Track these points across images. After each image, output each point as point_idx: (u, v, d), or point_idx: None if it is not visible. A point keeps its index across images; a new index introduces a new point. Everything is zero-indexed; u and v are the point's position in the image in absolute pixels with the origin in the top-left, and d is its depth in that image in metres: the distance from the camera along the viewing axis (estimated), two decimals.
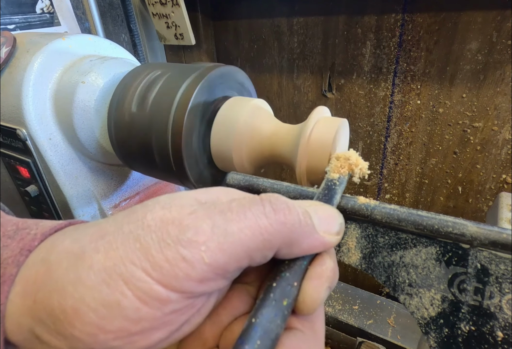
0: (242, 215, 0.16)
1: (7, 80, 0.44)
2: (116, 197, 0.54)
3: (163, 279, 0.14)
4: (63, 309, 0.14)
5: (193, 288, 0.15)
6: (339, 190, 0.24)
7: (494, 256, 0.20)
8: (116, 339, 0.14)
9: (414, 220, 0.21)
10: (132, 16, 0.75)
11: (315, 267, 0.18)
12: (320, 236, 0.18)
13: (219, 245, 0.15)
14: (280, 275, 0.18)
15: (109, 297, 0.14)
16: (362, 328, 0.67)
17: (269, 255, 0.17)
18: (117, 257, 0.15)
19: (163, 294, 0.14)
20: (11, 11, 0.59)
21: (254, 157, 0.38)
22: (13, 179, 0.52)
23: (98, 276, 0.14)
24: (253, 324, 0.15)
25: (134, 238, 0.15)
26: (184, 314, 0.16)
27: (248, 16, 0.73)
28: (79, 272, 0.15)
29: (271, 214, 0.16)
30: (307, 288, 0.17)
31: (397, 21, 0.59)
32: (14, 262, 0.16)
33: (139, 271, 0.14)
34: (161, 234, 0.15)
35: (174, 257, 0.14)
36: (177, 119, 0.36)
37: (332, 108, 0.73)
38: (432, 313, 0.22)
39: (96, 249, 0.15)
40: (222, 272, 0.15)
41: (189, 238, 0.15)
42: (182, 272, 0.14)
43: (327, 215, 0.19)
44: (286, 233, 0.16)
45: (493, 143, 0.61)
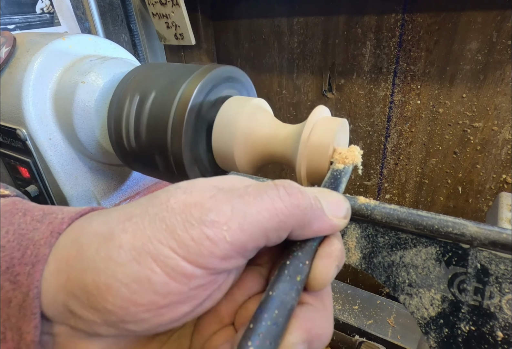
0: (259, 198, 0.17)
1: (7, 80, 0.44)
2: (116, 197, 0.54)
3: (189, 256, 0.15)
4: (97, 285, 0.15)
5: (216, 265, 0.16)
6: (344, 179, 0.25)
7: (494, 256, 0.20)
8: (146, 311, 0.15)
9: (414, 220, 0.21)
10: (132, 16, 0.75)
11: (325, 248, 0.20)
12: (329, 219, 0.19)
13: (239, 225, 0.16)
14: (292, 254, 0.19)
15: (139, 273, 0.15)
16: (362, 328, 0.67)
17: (283, 236, 0.18)
18: (145, 236, 0.16)
19: (189, 270, 0.16)
20: (11, 11, 0.59)
21: (254, 157, 0.38)
22: (13, 179, 0.52)
23: (128, 254, 0.15)
24: (271, 296, 0.17)
25: (160, 219, 0.16)
26: (207, 289, 0.17)
27: (248, 16, 0.73)
28: (110, 251, 0.16)
29: (285, 197, 0.17)
30: (318, 266, 0.19)
31: (397, 21, 0.59)
32: (46, 243, 0.17)
33: (167, 249, 0.15)
34: (185, 215, 0.16)
35: (198, 236, 0.16)
36: (177, 119, 0.36)
37: (332, 108, 0.73)
38: (432, 313, 0.22)
39: (124, 230, 0.16)
40: (242, 250, 0.17)
41: (212, 219, 0.16)
42: (206, 249, 0.16)
43: (335, 200, 0.20)
44: (299, 216, 0.17)
45: (493, 143, 0.61)
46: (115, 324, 0.16)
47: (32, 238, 0.17)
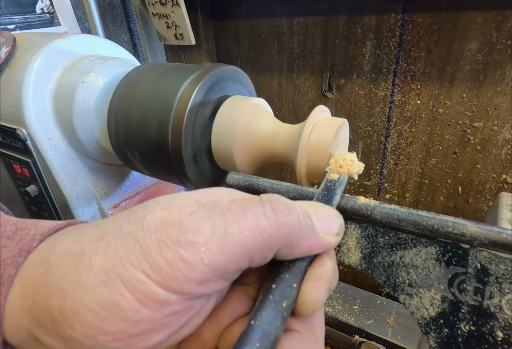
0: (242, 216, 0.16)
1: (7, 80, 0.44)
2: (116, 197, 0.54)
3: (163, 280, 0.14)
4: (62, 310, 0.14)
5: (193, 290, 0.15)
6: (339, 190, 0.24)
7: (494, 256, 0.20)
8: (115, 341, 0.14)
9: (414, 220, 0.21)
10: (132, 16, 0.75)
11: (315, 269, 0.18)
12: (320, 236, 0.18)
13: (218, 246, 0.15)
14: (279, 276, 0.17)
15: (108, 298, 0.14)
16: (362, 328, 0.67)
17: (269, 256, 0.17)
18: (116, 258, 0.15)
19: (163, 295, 0.14)
20: (11, 11, 0.59)
21: (254, 157, 0.38)
22: (13, 179, 0.52)
23: (97, 277, 0.14)
24: (252, 326, 0.15)
25: (134, 239, 0.15)
26: (183, 316, 0.16)
27: (248, 16, 0.73)
28: (79, 273, 0.15)
29: (271, 215, 0.16)
30: (306, 289, 0.17)
31: (397, 21, 0.59)
32: (13, 263, 0.16)
33: (138, 272, 0.14)
34: (161, 235, 0.15)
35: (173, 258, 0.14)
36: (177, 119, 0.36)
37: (332, 108, 0.73)
38: (432, 313, 0.22)
39: (96, 250, 0.15)
40: (221, 273, 0.15)
41: (189, 239, 0.15)
42: (181, 273, 0.14)
43: (327, 215, 0.19)
44: (286, 234, 0.16)
45: (493, 143, 0.60)
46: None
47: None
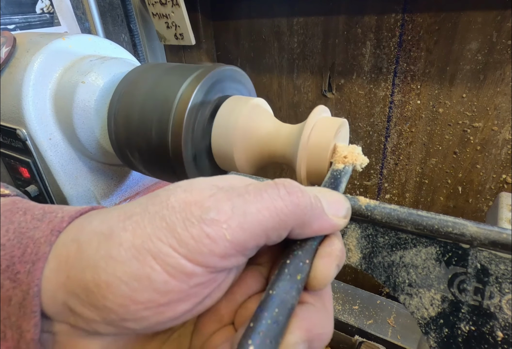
0: (259, 197, 0.17)
1: (7, 80, 0.44)
2: (116, 197, 0.54)
3: (189, 254, 0.15)
4: (97, 283, 0.15)
5: (216, 263, 0.16)
6: (344, 179, 0.25)
7: (494, 256, 0.20)
8: (146, 309, 0.15)
9: (414, 220, 0.21)
10: (132, 16, 0.75)
11: (325, 247, 0.20)
12: (329, 218, 0.19)
13: (239, 224, 0.16)
14: (293, 253, 0.19)
15: (139, 271, 0.15)
16: (362, 328, 0.67)
17: (283, 234, 0.18)
18: (145, 234, 0.16)
19: (189, 268, 0.16)
20: (11, 11, 0.59)
21: (254, 157, 0.38)
22: (13, 179, 0.52)
23: (128, 252, 0.15)
24: (271, 295, 0.17)
25: (160, 217, 0.16)
26: (207, 288, 0.17)
27: (248, 16, 0.73)
28: (110, 249, 0.16)
29: (286, 196, 0.17)
30: (318, 265, 0.19)
31: (397, 21, 0.59)
32: (46, 242, 0.17)
33: (167, 247, 0.15)
34: (185, 214, 0.16)
35: (198, 234, 0.16)
36: (177, 119, 0.36)
37: (332, 108, 0.73)
38: (432, 313, 0.22)
39: (124, 228, 0.16)
40: (242, 249, 0.17)
41: (212, 217, 0.16)
42: (206, 248, 0.16)
43: (335, 199, 0.21)
44: (299, 214, 0.18)
45: (493, 143, 0.60)
46: (114, 322, 0.16)
47: (32, 236, 0.17)
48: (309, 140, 0.31)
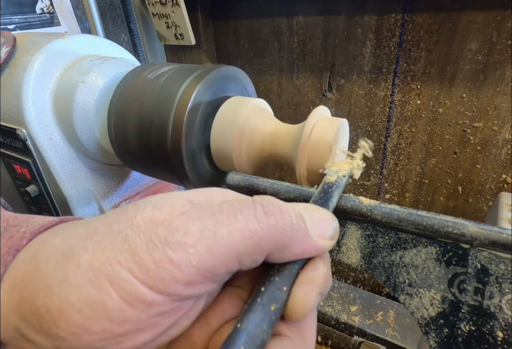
0: (233, 217, 0.16)
1: (7, 80, 0.44)
2: (116, 197, 0.54)
3: (149, 280, 0.14)
4: (48, 309, 0.14)
5: (180, 291, 0.15)
6: (336, 193, 0.23)
7: (494, 256, 0.20)
8: (100, 340, 0.14)
9: (414, 220, 0.21)
10: (132, 16, 0.75)
11: (307, 272, 0.18)
12: (313, 240, 0.17)
13: (207, 247, 0.15)
14: (269, 279, 0.17)
15: (94, 297, 0.14)
16: (362, 328, 0.67)
17: (259, 259, 0.16)
18: (105, 256, 0.15)
19: (149, 296, 0.14)
20: (11, 11, 0.59)
21: (254, 157, 0.38)
22: (13, 179, 0.52)
23: (85, 275, 0.14)
24: (238, 329, 0.15)
25: (123, 238, 0.15)
26: (170, 317, 0.16)
27: (248, 16, 0.73)
28: (67, 271, 0.15)
29: (262, 217, 0.16)
30: (296, 293, 0.17)
31: (397, 21, 0.59)
32: (1, 262, 0.16)
33: (126, 271, 0.14)
34: (150, 234, 0.15)
35: (161, 259, 0.14)
36: (177, 119, 0.36)
37: (332, 108, 0.73)
38: (432, 313, 0.22)
39: (85, 248, 0.15)
40: (210, 275, 0.15)
41: (178, 239, 0.15)
42: (168, 274, 0.14)
43: (321, 218, 0.19)
44: (277, 237, 0.16)
45: (493, 143, 0.60)
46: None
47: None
48: (309, 140, 0.31)
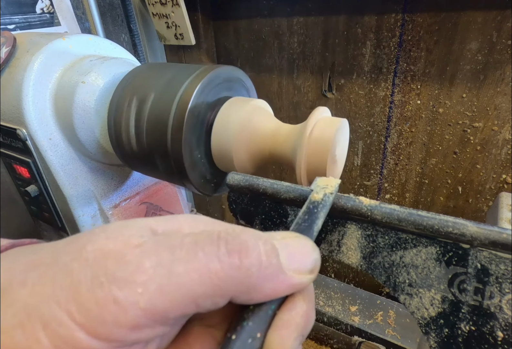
0: (192, 254, 0.14)
1: (7, 80, 0.44)
2: (116, 197, 0.54)
3: (87, 323, 0.13)
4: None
5: (123, 336, 0.13)
6: (322, 213, 0.21)
7: (494, 256, 0.20)
8: None
9: (414, 220, 0.21)
10: (132, 16, 0.75)
11: (283, 313, 0.16)
12: (288, 276, 0.16)
13: (159, 287, 0.13)
14: (241, 324, 0.15)
15: (21, 343, 0.12)
16: (362, 328, 0.67)
17: (221, 302, 0.15)
18: (43, 294, 0.13)
19: (84, 342, 0.13)
20: (11, 11, 0.59)
21: (254, 157, 0.38)
22: (13, 179, 0.52)
23: (16, 316, 0.13)
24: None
25: (67, 272, 0.13)
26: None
27: (248, 16, 0.73)
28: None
29: (224, 256, 0.14)
30: (271, 339, 0.15)
31: (397, 21, 0.59)
32: None
33: (62, 312, 0.13)
34: (97, 269, 0.13)
35: (104, 298, 0.13)
36: (177, 120, 0.36)
37: (332, 108, 0.73)
38: (432, 313, 0.22)
39: (24, 282, 0.13)
40: (160, 318, 0.14)
41: (126, 276, 0.13)
42: (110, 316, 0.13)
43: (299, 250, 0.17)
44: (241, 278, 0.14)
45: (493, 143, 0.60)
46: None
47: None
48: (309, 140, 0.31)
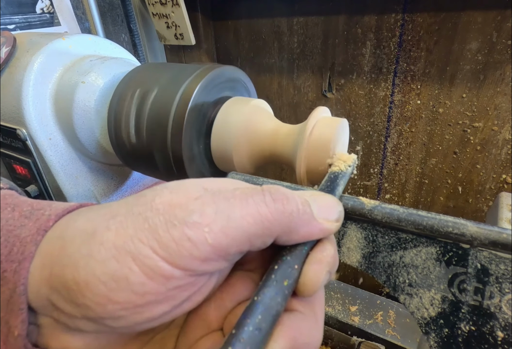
0: (245, 202, 0.17)
1: (7, 80, 0.44)
2: (116, 197, 0.54)
3: (169, 257, 0.15)
4: (76, 281, 0.15)
5: (196, 267, 0.16)
6: (342, 181, 0.24)
7: (494, 256, 0.20)
8: (122, 309, 0.16)
9: (414, 220, 0.21)
10: (132, 16, 0.75)
11: (316, 253, 0.19)
12: (319, 223, 0.19)
13: (222, 228, 0.16)
14: (281, 258, 0.18)
15: (117, 271, 0.15)
16: (362, 328, 0.67)
17: (268, 241, 0.18)
18: (127, 235, 0.16)
19: (168, 270, 0.16)
20: (11, 11, 0.59)
21: (254, 157, 0.38)
22: (13, 179, 0.52)
23: (109, 252, 0.16)
24: (255, 301, 0.16)
25: (143, 219, 0.16)
26: (186, 291, 0.17)
27: (248, 16, 0.73)
28: (91, 248, 0.16)
29: (271, 203, 0.17)
30: (307, 271, 0.18)
31: (397, 21, 0.59)
32: (32, 241, 0.17)
33: (147, 248, 0.15)
34: (168, 216, 0.16)
35: (179, 237, 0.16)
36: (177, 119, 0.36)
37: (332, 108, 0.73)
38: (432, 313, 0.22)
39: (108, 227, 0.16)
40: (223, 254, 0.16)
41: (194, 220, 0.16)
42: (186, 251, 0.16)
43: (326, 203, 0.20)
44: (285, 221, 0.17)
45: (493, 143, 0.60)
46: (93, 319, 0.16)
47: (19, 235, 0.17)
48: (309, 140, 0.31)
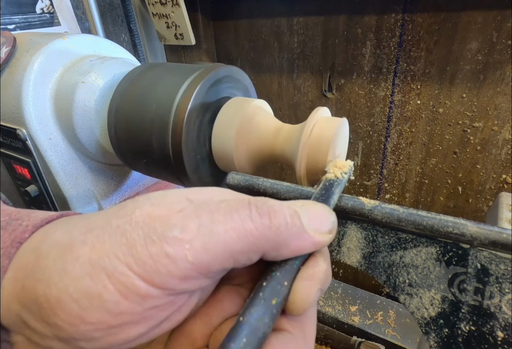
0: (229, 217, 0.16)
1: (7, 80, 0.44)
2: (116, 197, 0.54)
3: (145, 274, 0.15)
4: (47, 298, 0.15)
5: (175, 285, 0.15)
6: (337, 190, 0.23)
7: (494, 256, 0.20)
8: (96, 330, 0.15)
9: (414, 220, 0.21)
10: (132, 16, 0.75)
11: (307, 268, 0.18)
12: (310, 235, 0.18)
13: (203, 244, 0.15)
14: (270, 274, 0.18)
15: (91, 289, 0.15)
16: (362, 328, 0.67)
17: (254, 258, 0.17)
18: (103, 250, 0.15)
19: (144, 289, 0.15)
20: (11, 11, 0.59)
21: (254, 157, 0.38)
22: (13, 179, 0.52)
23: (83, 268, 0.15)
24: (241, 322, 0.16)
25: (121, 233, 0.15)
26: (164, 311, 0.16)
27: (248, 16, 0.73)
28: (66, 263, 0.15)
29: (256, 218, 0.16)
30: (297, 288, 0.18)
31: (397, 21, 0.59)
32: (5, 254, 0.16)
33: (122, 265, 0.15)
34: (148, 230, 0.15)
35: (157, 253, 0.15)
36: (177, 120, 0.36)
37: (332, 108, 0.73)
38: (432, 313, 0.22)
39: (84, 241, 0.16)
40: (205, 271, 0.16)
41: (175, 235, 0.15)
42: (164, 268, 0.15)
43: (318, 214, 0.19)
44: (272, 236, 0.17)
45: (493, 143, 0.60)
46: (66, 340, 0.15)
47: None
48: (309, 140, 0.31)
